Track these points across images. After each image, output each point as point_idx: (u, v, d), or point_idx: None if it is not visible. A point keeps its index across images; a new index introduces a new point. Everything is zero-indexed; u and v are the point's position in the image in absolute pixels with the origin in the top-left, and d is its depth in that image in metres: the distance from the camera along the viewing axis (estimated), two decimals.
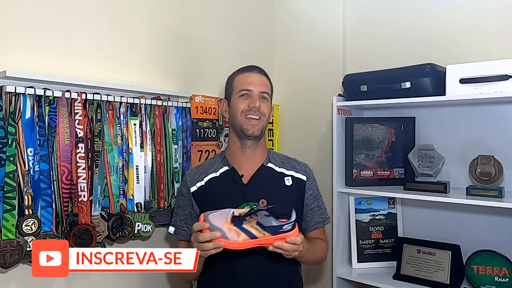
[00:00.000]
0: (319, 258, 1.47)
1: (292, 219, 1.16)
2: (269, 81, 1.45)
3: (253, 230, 1.14)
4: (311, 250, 1.38)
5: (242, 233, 1.14)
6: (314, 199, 1.47)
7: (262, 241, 1.15)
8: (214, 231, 1.13)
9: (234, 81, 1.43)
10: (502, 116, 1.69)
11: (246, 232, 1.14)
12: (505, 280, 1.60)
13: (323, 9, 2.18)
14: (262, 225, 1.14)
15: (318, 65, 2.19)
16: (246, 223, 1.16)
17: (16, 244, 1.25)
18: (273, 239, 1.15)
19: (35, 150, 1.31)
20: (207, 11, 1.98)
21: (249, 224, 1.15)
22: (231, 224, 1.15)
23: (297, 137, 2.26)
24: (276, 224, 1.14)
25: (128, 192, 1.54)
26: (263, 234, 1.14)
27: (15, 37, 1.34)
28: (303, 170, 1.48)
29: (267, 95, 1.41)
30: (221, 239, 1.13)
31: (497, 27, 1.69)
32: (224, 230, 1.14)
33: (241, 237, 1.14)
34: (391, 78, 1.70)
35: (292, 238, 1.17)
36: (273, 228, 1.14)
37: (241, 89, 1.39)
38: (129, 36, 1.66)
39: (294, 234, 1.17)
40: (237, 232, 1.14)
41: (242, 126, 1.37)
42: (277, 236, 1.15)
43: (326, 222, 1.49)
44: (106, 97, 1.49)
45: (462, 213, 1.77)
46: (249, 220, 1.16)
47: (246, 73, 1.42)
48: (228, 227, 1.14)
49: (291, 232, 1.16)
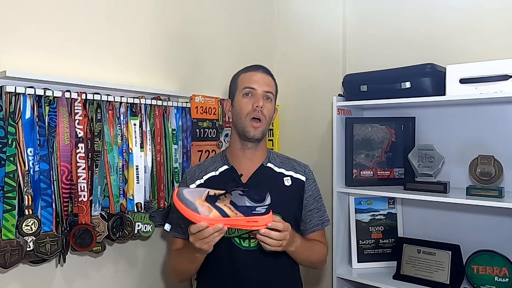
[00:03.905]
0: (317, 259, 1.45)
1: (266, 203, 1.14)
2: (274, 81, 1.45)
3: (225, 208, 1.13)
4: (307, 249, 1.38)
5: (214, 209, 1.13)
6: (313, 201, 1.46)
7: (234, 221, 1.14)
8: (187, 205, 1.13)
9: (239, 79, 1.42)
10: (502, 116, 1.69)
11: (218, 210, 1.13)
12: (505, 280, 1.60)
13: (323, 9, 2.18)
14: (235, 204, 1.13)
15: (318, 65, 2.19)
16: (220, 201, 1.15)
17: (16, 244, 1.25)
18: (244, 220, 1.13)
19: (35, 150, 1.31)
20: (207, 11, 1.98)
21: (222, 203, 1.15)
22: (204, 201, 1.14)
23: (297, 137, 2.26)
24: (249, 204, 1.12)
25: (128, 192, 1.54)
26: (235, 214, 1.13)
27: (15, 37, 1.34)
28: (302, 170, 1.48)
29: (271, 95, 1.41)
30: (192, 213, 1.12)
31: (497, 27, 1.69)
32: (196, 204, 1.13)
33: (212, 213, 1.13)
34: (391, 78, 1.70)
35: (274, 223, 1.16)
36: (246, 208, 1.12)
37: (245, 86, 1.38)
38: (129, 36, 1.66)
39: (268, 218, 1.15)
40: (209, 208, 1.13)
41: (245, 128, 1.37)
42: (249, 218, 1.13)
43: (325, 225, 1.48)
44: (106, 97, 1.49)
45: (462, 213, 1.77)
46: (223, 199, 1.15)
47: (250, 72, 1.42)
48: (201, 203, 1.13)
49: (264, 216, 1.14)
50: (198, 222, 1.13)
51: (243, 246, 1.35)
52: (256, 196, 1.14)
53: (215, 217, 1.13)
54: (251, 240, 1.35)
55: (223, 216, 1.13)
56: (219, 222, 1.13)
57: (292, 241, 1.28)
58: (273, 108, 1.44)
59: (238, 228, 1.18)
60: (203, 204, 1.14)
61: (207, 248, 1.17)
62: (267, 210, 1.15)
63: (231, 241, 1.35)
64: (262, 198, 1.14)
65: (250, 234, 1.34)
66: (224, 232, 1.15)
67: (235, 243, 1.35)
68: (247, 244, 1.35)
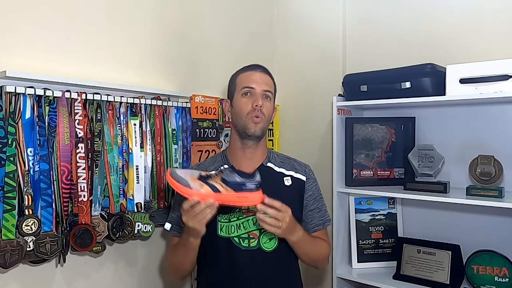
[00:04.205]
0: (318, 256, 1.44)
1: (256, 179, 1.18)
2: (272, 80, 1.45)
3: (217, 185, 1.18)
4: (309, 242, 1.37)
5: (206, 185, 1.17)
6: (314, 200, 1.46)
7: (225, 196, 1.17)
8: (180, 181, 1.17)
9: (237, 79, 1.42)
10: (502, 116, 1.69)
11: (210, 186, 1.17)
12: (505, 280, 1.60)
13: (323, 9, 2.18)
14: (226, 180, 1.18)
15: (318, 65, 2.19)
16: (211, 179, 1.19)
17: (16, 244, 1.25)
18: (235, 196, 1.17)
19: (35, 150, 1.31)
20: (207, 11, 1.98)
21: (213, 180, 1.19)
22: (196, 179, 1.19)
23: (297, 137, 2.26)
24: (239, 180, 1.17)
25: (128, 192, 1.54)
26: (226, 190, 1.17)
27: (15, 37, 1.34)
28: (303, 170, 1.47)
29: (270, 94, 1.41)
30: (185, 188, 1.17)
31: (497, 27, 1.69)
32: (188, 181, 1.17)
33: (204, 189, 1.17)
34: (391, 78, 1.70)
35: (270, 200, 1.20)
36: (236, 184, 1.17)
37: (244, 86, 1.38)
38: (129, 36, 1.66)
39: (258, 195, 1.19)
40: (201, 184, 1.17)
41: (246, 125, 1.37)
42: (240, 194, 1.17)
43: (326, 225, 1.47)
44: (106, 97, 1.49)
45: (462, 213, 1.77)
46: (214, 177, 1.20)
47: (249, 72, 1.42)
48: (193, 180, 1.18)
49: (254, 193, 1.18)
50: (191, 197, 1.16)
51: (242, 246, 1.35)
52: (246, 173, 1.20)
53: (207, 192, 1.17)
54: (250, 240, 1.35)
55: (215, 192, 1.17)
56: (210, 197, 1.16)
57: (293, 230, 1.28)
58: (272, 107, 1.44)
59: (230, 204, 1.21)
60: (194, 181, 1.18)
61: (199, 227, 1.19)
62: (257, 187, 1.19)
63: (231, 241, 1.35)
64: (252, 175, 1.19)
65: (249, 234, 1.34)
66: (216, 208, 1.18)
67: (234, 243, 1.35)
68: (246, 244, 1.35)
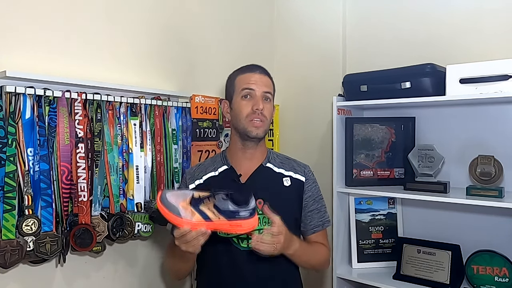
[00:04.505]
0: (317, 262, 1.44)
1: (250, 207, 1.14)
2: (271, 81, 1.43)
3: (208, 212, 1.14)
4: (306, 252, 1.37)
5: (197, 213, 1.14)
6: (313, 201, 1.45)
7: (217, 225, 1.14)
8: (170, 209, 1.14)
9: (236, 80, 1.40)
10: (502, 116, 1.69)
11: (201, 214, 1.14)
12: (505, 280, 1.60)
13: (323, 9, 2.18)
14: (218, 208, 1.14)
15: (318, 65, 2.19)
16: (203, 205, 1.15)
17: (16, 244, 1.25)
18: (228, 224, 1.14)
19: (35, 150, 1.31)
20: (207, 11, 1.98)
21: (206, 206, 1.15)
22: (188, 204, 1.15)
23: (297, 137, 2.26)
24: (232, 209, 1.13)
25: (128, 192, 1.54)
26: (218, 218, 1.13)
27: (15, 37, 1.34)
28: (302, 171, 1.46)
29: (269, 95, 1.40)
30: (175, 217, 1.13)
31: (497, 27, 1.69)
32: (179, 208, 1.13)
33: (195, 218, 1.13)
34: (391, 78, 1.70)
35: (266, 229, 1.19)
36: (229, 212, 1.13)
37: (244, 88, 1.37)
38: (129, 36, 1.66)
39: (252, 222, 1.16)
40: (192, 212, 1.14)
41: (246, 128, 1.36)
42: (233, 222, 1.14)
43: (325, 226, 1.47)
44: (106, 97, 1.49)
45: (462, 213, 1.77)
46: (207, 203, 1.16)
47: (248, 73, 1.40)
48: (184, 206, 1.14)
49: (249, 220, 1.15)
50: (181, 226, 1.13)
51: (241, 246, 1.35)
52: (240, 200, 1.14)
53: (198, 221, 1.13)
54: (249, 241, 1.35)
55: (206, 220, 1.14)
56: (202, 226, 1.13)
57: (290, 245, 1.28)
58: (272, 107, 1.43)
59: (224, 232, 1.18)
60: (186, 207, 1.14)
61: (192, 250, 1.17)
62: (251, 214, 1.15)
63: (230, 242, 1.35)
64: (246, 202, 1.14)
65: (248, 234, 1.34)
66: (208, 235, 1.15)
67: (233, 244, 1.35)
68: (245, 245, 1.35)
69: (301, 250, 1.33)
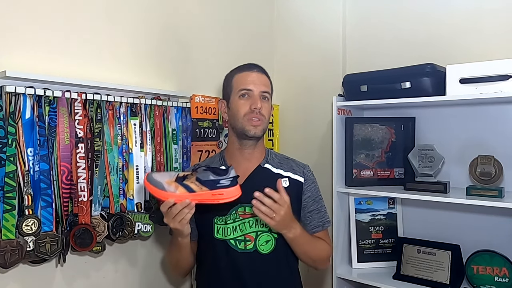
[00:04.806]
0: (317, 255, 1.42)
1: (230, 175, 1.18)
2: (269, 79, 1.43)
3: (192, 185, 1.19)
4: (308, 241, 1.36)
5: (181, 186, 1.19)
6: (313, 202, 1.44)
7: (200, 195, 1.18)
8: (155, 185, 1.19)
9: (233, 80, 1.40)
10: (502, 116, 1.69)
11: (184, 186, 1.19)
12: (505, 280, 1.60)
13: (323, 9, 2.18)
14: (200, 180, 1.19)
15: (318, 65, 2.19)
16: (187, 179, 1.21)
17: (16, 244, 1.25)
18: (210, 194, 1.18)
19: (35, 150, 1.31)
20: (207, 11, 1.98)
21: (189, 180, 1.20)
22: (173, 181, 1.20)
23: (297, 137, 2.26)
24: (213, 178, 1.18)
25: (128, 192, 1.54)
26: (200, 188, 1.18)
27: (15, 37, 1.34)
28: (301, 171, 1.45)
29: (267, 95, 1.39)
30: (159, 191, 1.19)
31: (497, 27, 1.70)
32: (164, 184, 1.19)
33: (178, 190, 1.18)
34: (391, 78, 1.70)
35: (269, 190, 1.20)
36: (211, 182, 1.18)
37: (241, 88, 1.36)
38: (129, 36, 1.66)
39: (235, 191, 1.20)
40: (176, 186, 1.19)
41: (244, 128, 1.35)
42: (215, 191, 1.18)
43: (325, 226, 1.46)
44: (106, 97, 1.49)
45: (462, 213, 1.77)
46: (190, 177, 1.21)
47: (245, 72, 1.39)
48: (169, 182, 1.20)
49: (230, 189, 1.19)
50: (166, 199, 1.18)
51: (239, 248, 1.34)
52: (220, 170, 1.19)
53: (182, 193, 1.18)
54: (247, 243, 1.35)
55: (189, 192, 1.18)
56: (186, 197, 1.18)
57: (290, 225, 1.27)
58: (271, 106, 1.42)
59: (208, 203, 1.21)
60: (170, 183, 1.19)
61: (180, 227, 1.21)
62: (232, 183, 1.19)
63: (227, 244, 1.34)
64: (226, 172, 1.19)
65: (245, 236, 1.34)
66: (193, 208, 1.19)
67: (231, 246, 1.35)
68: (243, 247, 1.34)
69: (302, 238, 1.32)
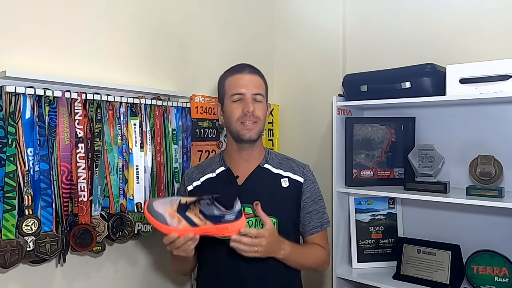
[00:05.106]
0: (313, 263, 1.43)
1: (236, 209, 1.15)
2: (261, 79, 1.40)
3: (195, 218, 1.15)
4: (299, 255, 1.37)
5: (184, 220, 1.15)
6: (312, 202, 1.43)
7: (204, 230, 1.16)
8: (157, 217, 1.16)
9: (225, 83, 1.38)
10: (502, 116, 1.69)
11: (187, 220, 1.15)
12: (505, 280, 1.60)
13: (323, 9, 2.18)
14: (204, 213, 1.15)
15: (318, 65, 2.19)
16: (190, 211, 1.17)
17: (16, 244, 1.25)
18: (215, 228, 1.15)
19: (35, 150, 1.31)
20: (207, 11, 1.98)
21: (192, 212, 1.16)
22: (175, 211, 1.16)
23: (297, 137, 2.26)
24: (217, 213, 1.14)
25: (128, 192, 1.54)
26: (204, 223, 1.15)
27: (15, 37, 1.34)
28: (301, 171, 1.44)
29: (260, 96, 1.37)
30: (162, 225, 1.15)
31: (497, 27, 1.69)
32: (166, 216, 1.16)
33: (181, 224, 1.15)
34: (391, 78, 1.70)
35: (245, 229, 1.17)
36: (215, 217, 1.14)
37: (233, 93, 1.34)
38: (129, 36, 1.66)
39: (240, 224, 1.16)
40: (179, 219, 1.16)
41: (238, 132, 1.34)
42: (219, 226, 1.15)
43: (324, 227, 1.45)
44: (106, 97, 1.49)
45: (462, 213, 1.77)
46: (193, 209, 1.17)
47: (236, 75, 1.37)
48: (171, 213, 1.16)
49: (235, 222, 1.15)
50: (169, 234, 1.15)
51: None
52: (225, 204, 1.16)
53: (185, 227, 1.15)
54: None
55: (192, 226, 1.15)
56: (189, 232, 1.15)
57: (278, 249, 1.27)
58: (265, 106, 1.40)
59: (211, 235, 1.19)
60: (173, 215, 1.16)
61: (185, 254, 1.19)
62: (237, 216, 1.16)
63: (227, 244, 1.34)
64: (231, 205, 1.15)
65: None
66: (197, 240, 1.17)
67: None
68: None
69: (293, 254, 1.32)
